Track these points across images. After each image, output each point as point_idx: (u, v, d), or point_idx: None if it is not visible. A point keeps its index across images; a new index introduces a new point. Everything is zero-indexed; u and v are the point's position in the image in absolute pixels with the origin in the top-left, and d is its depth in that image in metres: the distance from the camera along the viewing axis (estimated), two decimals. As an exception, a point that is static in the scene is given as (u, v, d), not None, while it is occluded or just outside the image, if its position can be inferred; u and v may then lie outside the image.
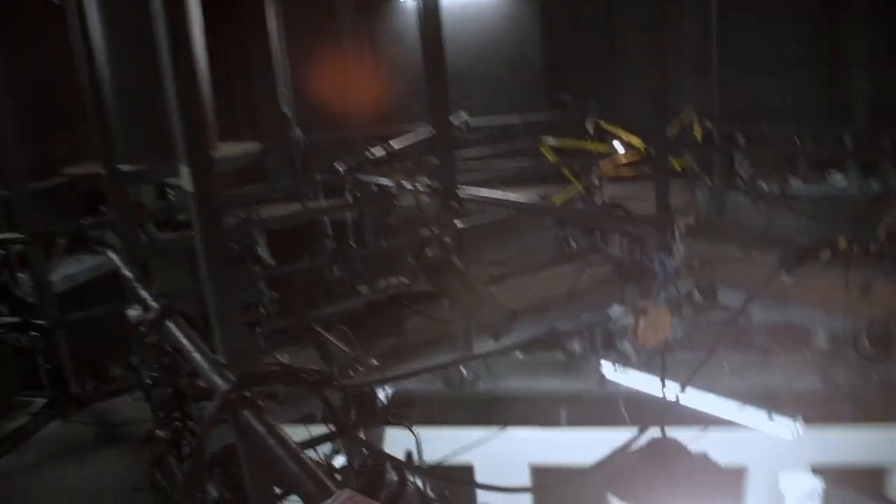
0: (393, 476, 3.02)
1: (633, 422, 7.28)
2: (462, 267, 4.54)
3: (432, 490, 3.29)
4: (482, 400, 9.48)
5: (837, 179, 7.38)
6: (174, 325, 2.39)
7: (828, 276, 3.84)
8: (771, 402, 6.94)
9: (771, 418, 5.24)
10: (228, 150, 6.13)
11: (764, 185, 7.08)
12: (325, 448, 3.11)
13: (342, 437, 2.23)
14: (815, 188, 7.27)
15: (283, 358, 3.98)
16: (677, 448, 3.12)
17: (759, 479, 8.65)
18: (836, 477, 8.66)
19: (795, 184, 7.28)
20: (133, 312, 2.77)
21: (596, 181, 6.75)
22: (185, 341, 2.21)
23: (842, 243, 2.15)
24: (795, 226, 6.19)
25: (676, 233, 2.72)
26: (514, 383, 9.34)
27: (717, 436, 5.61)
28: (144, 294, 2.80)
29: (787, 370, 8.12)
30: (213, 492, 2.44)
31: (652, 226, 3.01)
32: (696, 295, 4.15)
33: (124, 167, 4.53)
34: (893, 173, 6.49)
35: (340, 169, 5.92)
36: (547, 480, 9.80)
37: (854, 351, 3.82)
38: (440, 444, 8.98)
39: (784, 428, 5.33)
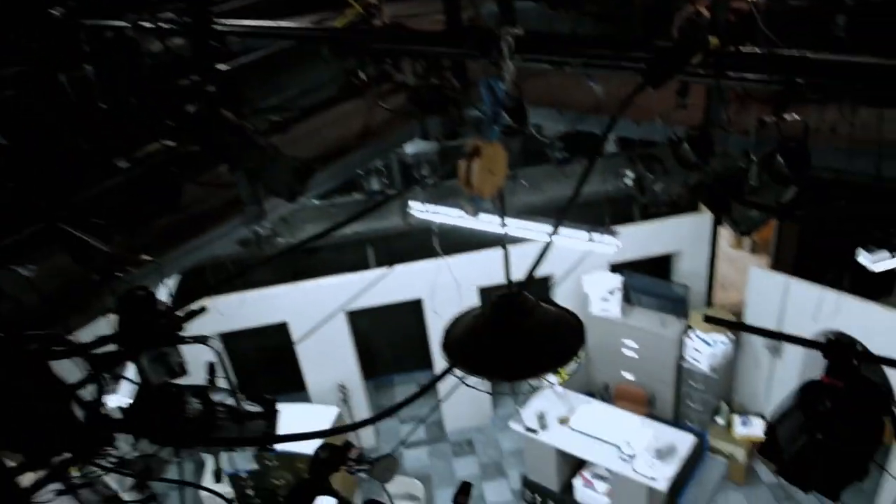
0: (195, 403, 2.42)
1: (442, 251, 7.06)
2: (234, 119, 3.74)
3: (248, 399, 2.71)
4: (286, 254, 8.93)
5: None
6: None
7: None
8: (560, 212, 7.01)
9: (591, 238, 5.22)
10: None
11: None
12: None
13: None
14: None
15: (27, 272, 3.09)
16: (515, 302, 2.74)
17: (564, 285, 9.06)
18: (631, 269, 9.27)
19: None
20: None
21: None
22: None
23: (713, 41, 1.75)
24: (587, 30, 5.88)
25: (505, 48, 2.17)
26: (315, 232, 8.83)
27: (522, 250, 5.53)
28: None
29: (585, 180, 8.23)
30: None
31: (472, 42, 2.43)
32: (505, 117, 3.70)
33: None
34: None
35: (58, 14, 4.65)
36: (360, 323, 9.65)
37: (673, 157, 3.63)
38: (250, 307, 8.39)
39: (601, 242, 5.38)
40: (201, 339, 2.41)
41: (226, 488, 8.35)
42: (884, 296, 7.61)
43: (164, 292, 4.77)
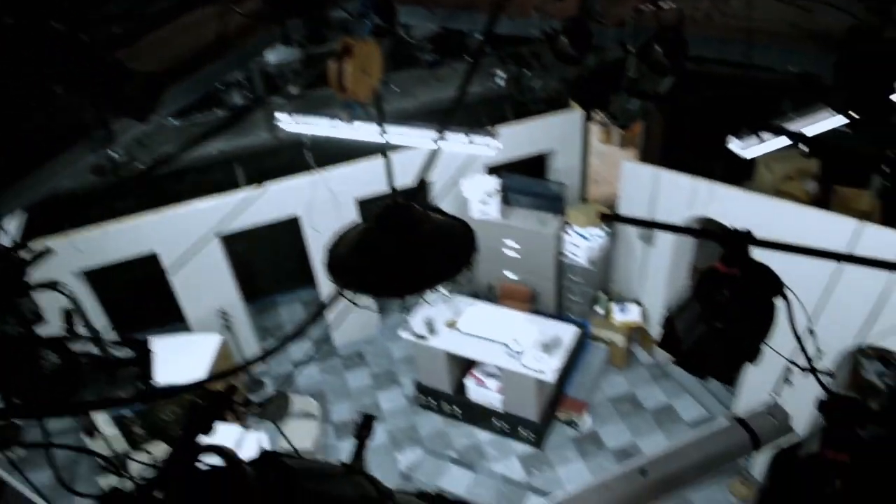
0: (52, 357, 2.16)
1: (316, 164, 6.78)
2: (66, 32, 3.28)
3: (118, 343, 2.47)
4: (147, 179, 8.34)
5: None
6: None
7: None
8: (444, 115, 6.84)
9: (471, 141, 5.08)
10: None
11: None
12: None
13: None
14: None
15: None
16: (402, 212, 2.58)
17: (442, 190, 8.99)
18: (508, 170, 9.30)
19: None
20: None
21: None
22: None
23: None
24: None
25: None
26: (176, 153, 8.27)
27: (400, 158, 5.41)
28: None
29: (455, 82, 8.05)
30: None
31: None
32: (375, 18, 3.44)
33: None
34: None
35: None
36: (236, 246, 9.27)
37: (550, 51, 3.50)
38: (114, 239, 7.84)
39: (482, 144, 5.25)
40: (50, 285, 2.12)
41: (112, 431, 7.99)
42: (745, 180, 8.02)
43: (3, 235, 4.28)
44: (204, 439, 1.51)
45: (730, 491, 7.63)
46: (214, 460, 1.29)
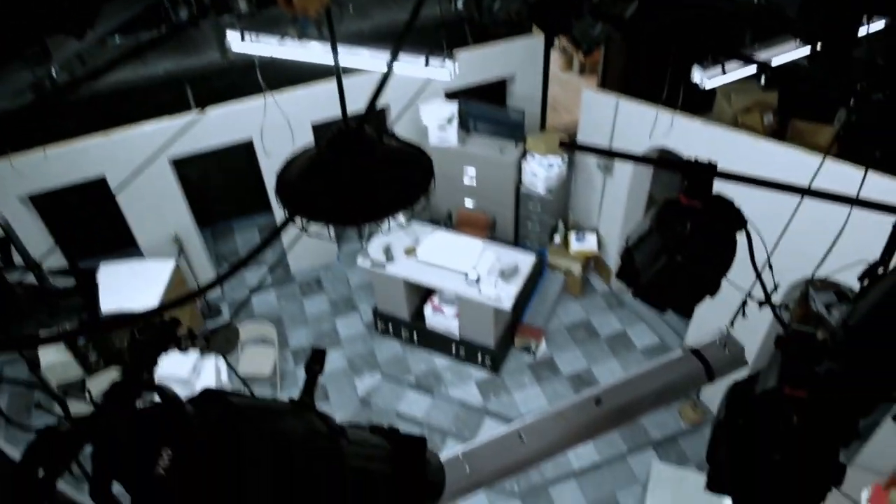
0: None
1: (269, 87, 6.53)
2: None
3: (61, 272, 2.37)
4: (93, 101, 7.98)
5: None
6: None
7: None
8: (400, 37, 6.60)
9: (427, 63, 4.92)
10: None
11: None
12: None
13: None
14: None
15: None
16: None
17: (399, 116, 8.81)
18: (467, 96, 9.12)
19: None
20: None
21: None
22: None
23: None
24: None
25: None
26: (124, 73, 7.90)
27: (355, 81, 5.24)
28: None
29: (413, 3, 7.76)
30: None
31: None
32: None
33: None
34: None
35: None
36: (189, 171, 9.02)
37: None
38: (59, 163, 7.54)
39: (440, 67, 5.10)
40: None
41: (63, 357, 7.84)
42: (705, 112, 8.00)
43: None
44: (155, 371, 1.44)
45: (680, 415, 7.88)
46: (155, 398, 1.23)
